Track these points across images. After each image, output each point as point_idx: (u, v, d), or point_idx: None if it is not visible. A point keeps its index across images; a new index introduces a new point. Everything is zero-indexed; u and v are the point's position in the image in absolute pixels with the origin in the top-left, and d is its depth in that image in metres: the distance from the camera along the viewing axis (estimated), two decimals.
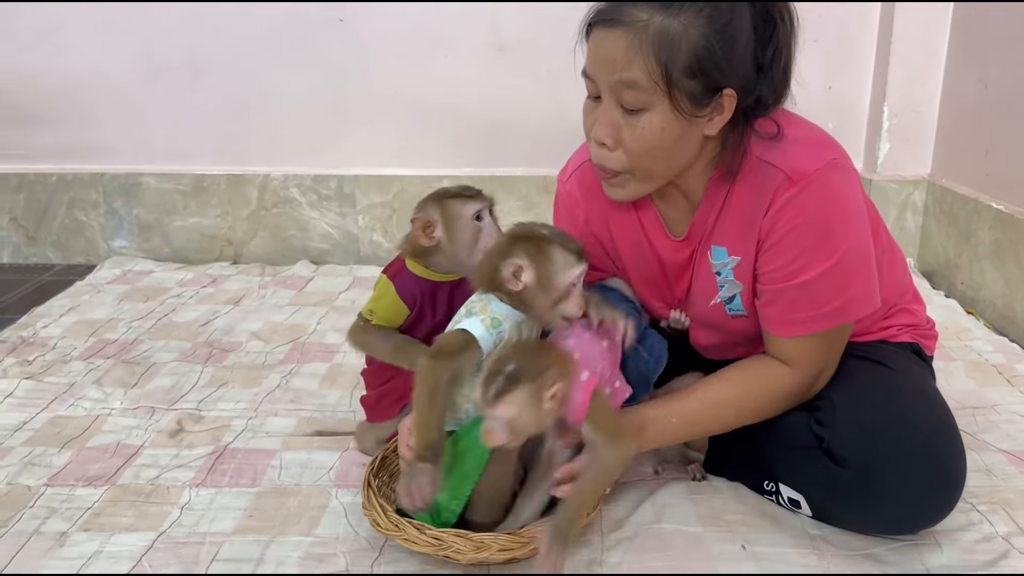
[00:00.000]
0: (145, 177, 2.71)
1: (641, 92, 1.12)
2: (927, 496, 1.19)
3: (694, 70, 1.10)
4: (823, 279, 1.19)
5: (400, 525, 1.16)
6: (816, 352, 1.25)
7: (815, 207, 1.17)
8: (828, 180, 1.17)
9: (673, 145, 1.16)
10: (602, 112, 1.17)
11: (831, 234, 1.18)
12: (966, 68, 2.41)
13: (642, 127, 1.14)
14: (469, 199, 1.40)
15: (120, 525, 1.32)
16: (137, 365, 1.90)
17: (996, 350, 1.98)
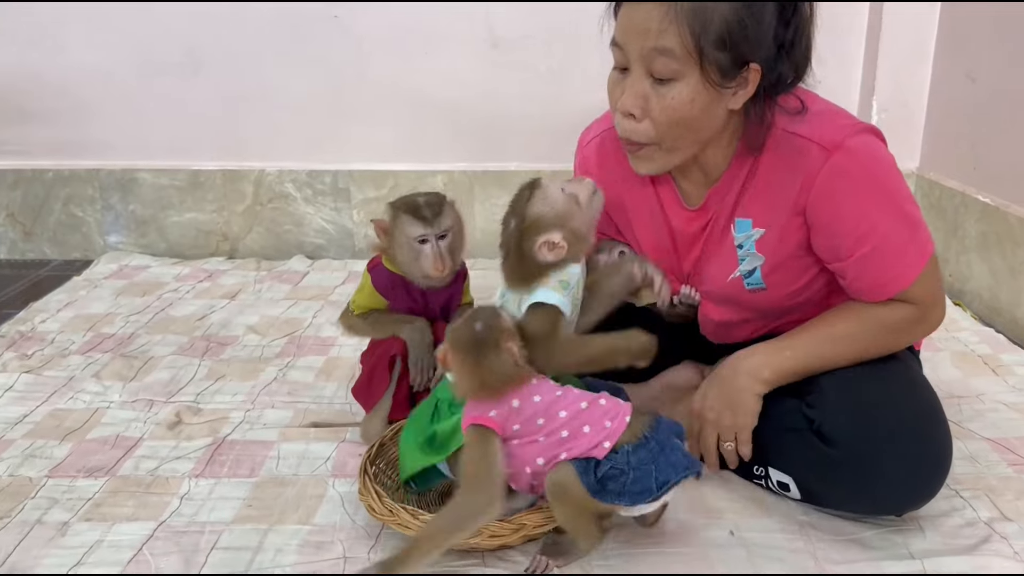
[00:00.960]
0: (141, 173, 2.73)
1: (673, 60, 1.15)
2: (915, 476, 1.22)
3: (725, 42, 1.14)
4: (893, 231, 1.22)
5: (394, 511, 1.18)
6: (922, 290, 1.27)
7: (859, 167, 1.21)
8: (862, 143, 1.21)
9: (701, 116, 1.20)
10: (630, 82, 1.20)
11: (883, 186, 1.23)
12: (953, 62, 2.44)
13: (672, 96, 1.17)
14: (420, 221, 1.48)
15: (121, 515, 1.34)
16: (135, 359, 1.92)
17: (982, 340, 2.02)
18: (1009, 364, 1.88)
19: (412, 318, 1.55)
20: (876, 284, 1.26)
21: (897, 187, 1.25)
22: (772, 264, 1.31)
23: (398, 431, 1.41)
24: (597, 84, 1.52)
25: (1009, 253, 2.11)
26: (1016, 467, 1.46)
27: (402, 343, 1.52)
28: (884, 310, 1.28)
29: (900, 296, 1.26)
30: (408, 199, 1.52)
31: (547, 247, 1.23)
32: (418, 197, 1.52)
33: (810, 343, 1.30)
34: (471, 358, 1.14)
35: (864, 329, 1.29)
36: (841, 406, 1.24)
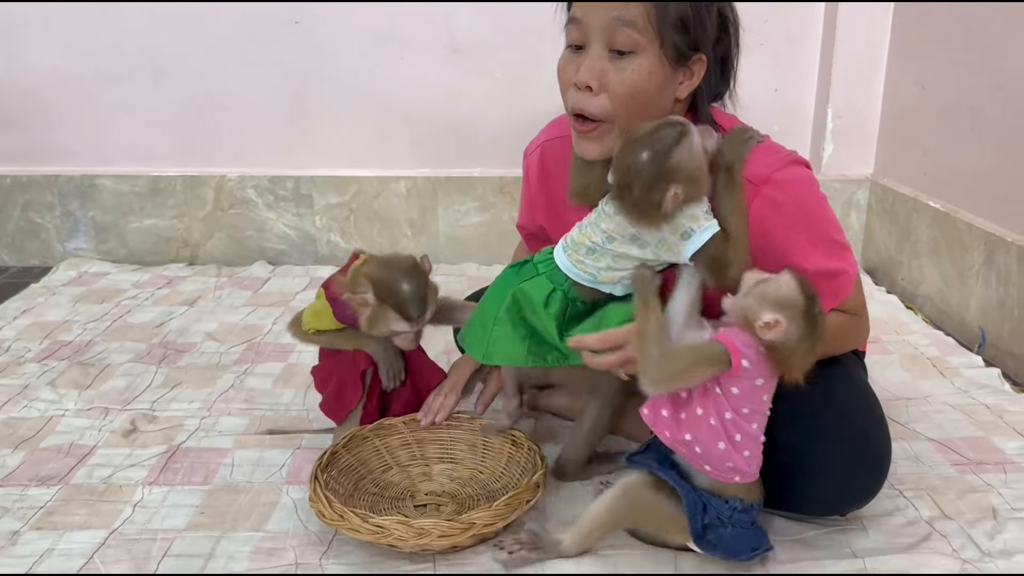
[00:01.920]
0: (101, 179, 2.71)
1: (635, 32, 1.17)
2: (855, 478, 1.25)
3: (682, 24, 1.18)
4: (823, 258, 1.24)
5: (344, 515, 1.20)
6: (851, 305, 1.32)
7: (788, 200, 1.22)
8: (790, 175, 1.24)
9: (655, 94, 1.21)
10: (589, 57, 1.20)
11: (811, 217, 1.26)
12: (905, 70, 2.49)
13: (632, 69, 1.19)
14: (407, 320, 1.38)
15: (72, 523, 1.34)
16: (91, 366, 1.91)
17: (931, 343, 2.06)
18: (956, 366, 1.92)
19: None
20: None
21: (824, 215, 1.28)
22: None
23: (351, 439, 1.42)
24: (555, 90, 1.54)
25: (958, 258, 2.16)
26: (958, 467, 1.50)
27: (367, 356, 1.49)
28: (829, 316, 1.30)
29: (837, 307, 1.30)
30: (392, 285, 1.37)
31: (673, 199, 1.12)
32: (402, 282, 1.37)
33: None
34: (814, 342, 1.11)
35: None
36: (782, 409, 1.26)
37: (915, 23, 2.44)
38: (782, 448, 1.24)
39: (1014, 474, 1.47)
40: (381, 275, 1.37)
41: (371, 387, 1.51)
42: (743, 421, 1.14)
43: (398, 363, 1.51)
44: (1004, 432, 1.62)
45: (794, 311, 1.09)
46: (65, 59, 2.62)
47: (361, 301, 1.37)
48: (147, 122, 2.69)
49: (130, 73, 2.64)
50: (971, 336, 2.08)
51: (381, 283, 1.37)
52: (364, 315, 1.39)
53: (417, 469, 1.49)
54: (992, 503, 1.38)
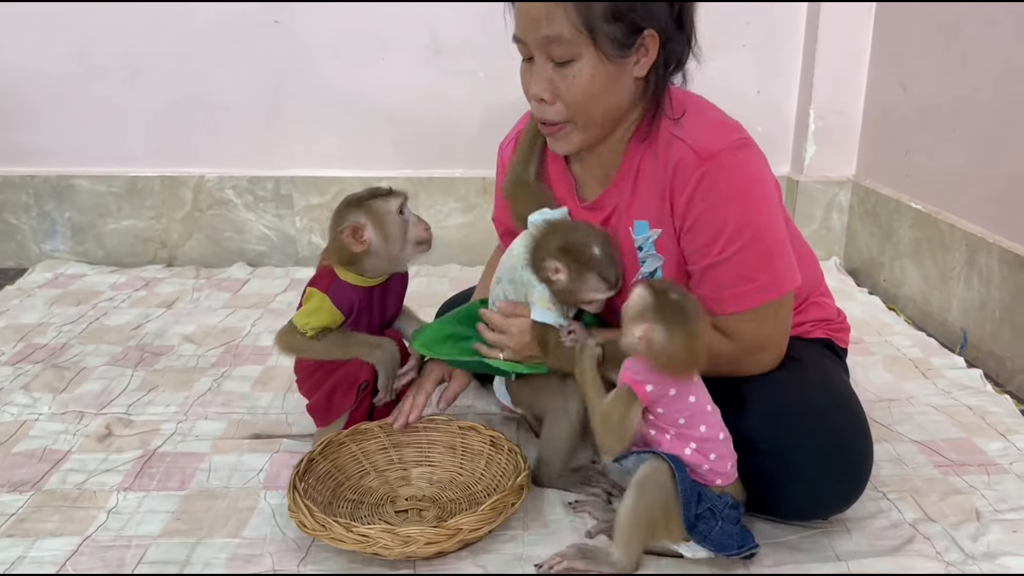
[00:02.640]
0: (78, 179, 2.67)
1: (567, 44, 1.19)
2: (835, 481, 1.25)
3: (613, 14, 1.18)
4: (743, 255, 1.23)
5: (327, 525, 1.18)
6: (752, 329, 1.27)
7: (726, 184, 1.22)
8: (736, 158, 1.23)
9: (605, 89, 1.23)
10: (536, 70, 1.25)
11: (745, 210, 1.23)
12: (887, 71, 2.49)
13: (573, 76, 1.22)
14: (389, 196, 1.45)
15: (45, 530, 1.31)
16: (67, 370, 1.88)
17: (914, 344, 2.06)
18: (939, 367, 1.92)
19: (379, 340, 1.48)
20: (712, 298, 1.25)
21: (758, 209, 1.24)
22: (671, 264, 1.31)
23: (327, 445, 1.40)
24: None
25: (940, 259, 2.16)
26: (942, 469, 1.50)
27: (369, 367, 1.45)
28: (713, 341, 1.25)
29: (731, 329, 1.27)
30: (352, 198, 1.46)
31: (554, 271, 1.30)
32: (353, 194, 1.46)
33: None
34: (686, 327, 1.14)
35: None
36: (763, 414, 1.25)
37: (897, 24, 2.44)
38: (763, 453, 1.24)
39: (997, 476, 1.47)
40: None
41: (362, 398, 1.49)
42: (687, 431, 1.18)
43: (397, 377, 1.49)
44: (986, 433, 1.61)
45: (650, 313, 1.14)
46: (40, 58, 2.58)
47: (353, 228, 1.41)
48: (124, 122, 2.65)
49: (107, 72, 2.60)
50: (953, 337, 2.08)
51: (341, 204, 1.45)
52: (367, 238, 1.41)
53: (395, 473, 1.47)
54: (975, 505, 1.38)
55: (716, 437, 1.19)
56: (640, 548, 1.20)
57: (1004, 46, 1.94)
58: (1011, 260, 1.88)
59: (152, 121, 2.66)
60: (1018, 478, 1.46)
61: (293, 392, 1.75)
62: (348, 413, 1.48)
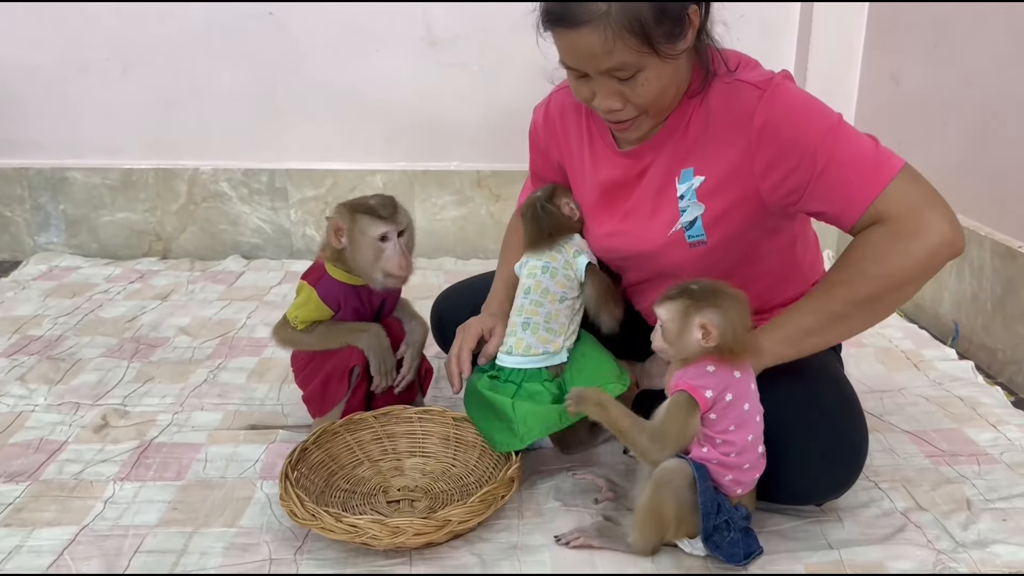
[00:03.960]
0: (72, 172, 2.67)
1: (630, 66, 1.19)
2: (831, 467, 1.26)
3: (661, 16, 1.16)
4: (841, 148, 1.20)
5: (317, 515, 1.18)
6: (899, 199, 1.20)
7: (791, 98, 1.22)
8: (787, 83, 1.25)
9: (671, 82, 1.24)
10: (599, 87, 1.24)
11: (820, 110, 1.23)
12: (880, 65, 2.50)
13: (642, 84, 1.22)
14: (379, 219, 1.43)
15: (42, 520, 1.31)
16: (62, 361, 1.88)
17: (906, 336, 2.07)
18: (930, 359, 1.93)
19: (366, 325, 1.49)
20: (841, 205, 1.22)
21: (831, 113, 1.24)
22: (713, 213, 1.30)
23: (320, 435, 1.41)
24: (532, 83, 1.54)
25: None
26: (933, 459, 1.51)
27: (359, 352, 1.47)
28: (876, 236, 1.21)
29: (878, 214, 1.20)
30: (359, 201, 1.46)
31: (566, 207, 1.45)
32: (368, 199, 1.46)
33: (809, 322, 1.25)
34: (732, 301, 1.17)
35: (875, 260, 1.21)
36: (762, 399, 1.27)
37: (889, 19, 2.45)
38: None
39: (987, 465, 1.48)
40: (346, 201, 1.48)
41: (357, 386, 1.50)
42: (733, 437, 1.17)
43: (390, 360, 1.50)
44: (977, 424, 1.63)
45: (694, 307, 1.16)
46: (34, 51, 2.58)
47: (335, 226, 1.44)
48: (118, 114, 2.65)
49: (101, 65, 2.60)
50: (945, 329, 2.10)
51: (348, 202, 1.48)
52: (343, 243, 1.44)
53: (389, 464, 1.47)
54: (966, 494, 1.39)
55: (756, 449, 1.19)
56: (656, 538, 1.22)
57: (995, 40, 1.95)
58: (1003, 253, 1.89)
59: (146, 113, 2.66)
60: (1008, 468, 1.47)
61: (289, 383, 1.76)
62: (344, 403, 1.49)
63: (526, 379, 1.39)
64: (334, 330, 1.49)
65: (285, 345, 1.53)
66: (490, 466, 1.41)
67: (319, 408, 1.52)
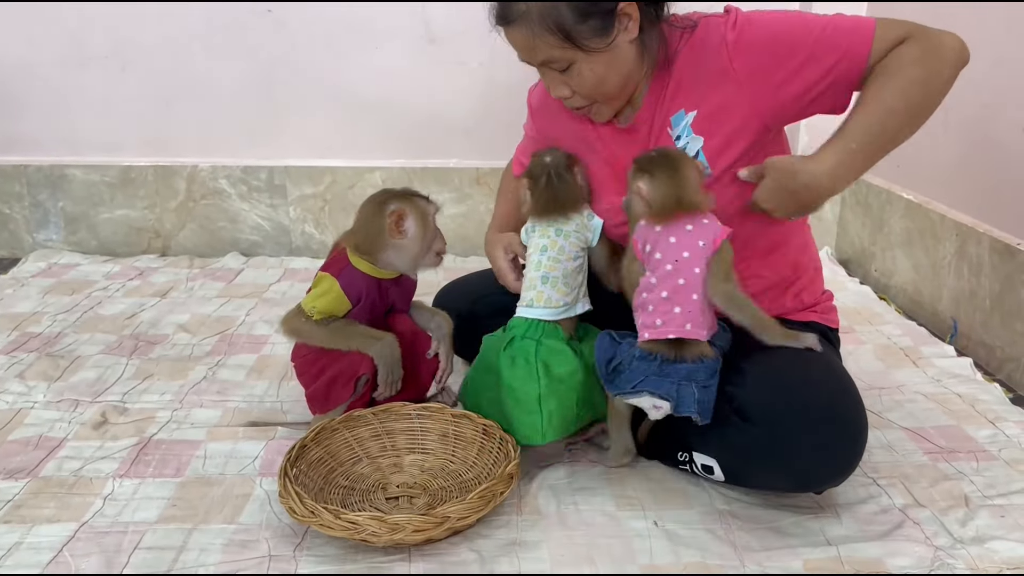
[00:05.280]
0: (71, 169, 2.67)
1: (559, 60, 1.31)
2: (831, 451, 1.26)
3: (583, 15, 1.26)
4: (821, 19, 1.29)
5: (315, 511, 1.18)
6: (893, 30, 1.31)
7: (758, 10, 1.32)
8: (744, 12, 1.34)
9: (609, 72, 1.32)
10: (546, 77, 1.37)
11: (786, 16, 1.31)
12: None
13: (577, 75, 1.32)
14: (429, 202, 1.53)
15: (41, 517, 1.32)
16: (61, 358, 1.88)
17: (904, 333, 2.07)
18: (929, 356, 1.94)
19: (380, 333, 1.48)
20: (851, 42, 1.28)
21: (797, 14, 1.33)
22: (714, 143, 1.34)
23: (319, 432, 1.41)
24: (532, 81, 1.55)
25: (931, 248, 2.17)
26: (931, 455, 1.51)
27: (369, 360, 1.47)
28: (894, 54, 1.29)
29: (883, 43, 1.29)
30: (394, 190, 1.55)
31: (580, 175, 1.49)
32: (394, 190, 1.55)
33: (864, 121, 1.27)
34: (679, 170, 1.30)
35: (897, 76, 1.27)
36: (759, 384, 1.28)
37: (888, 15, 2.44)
38: (757, 420, 1.26)
39: (985, 462, 1.49)
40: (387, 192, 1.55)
41: (362, 393, 1.50)
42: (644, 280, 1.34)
43: (398, 371, 1.50)
44: (976, 421, 1.63)
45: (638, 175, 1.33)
46: (32, 48, 2.58)
47: (400, 215, 1.48)
48: (116, 111, 2.65)
49: (99, 61, 2.60)
50: (943, 326, 2.10)
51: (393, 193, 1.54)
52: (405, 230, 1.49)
53: (388, 460, 1.47)
54: (964, 491, 1.39)
55: (660, 293, 1.30)
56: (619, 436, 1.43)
57: (994, 38, 1.95)
58: (1001, 249, 1.89)
59: (145, 111, 2.65)
60: (1006, 464, 1.48)
61: (288, 380, 1.77)
62: (346, 404, 1.49)
63: (544, 335, 1.44)
64: (348, 331, 1.48)
65: (293, 336, 1.52)
66: (489, 462, 1.41)
67: (321, 407, 1.52)
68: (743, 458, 1.31)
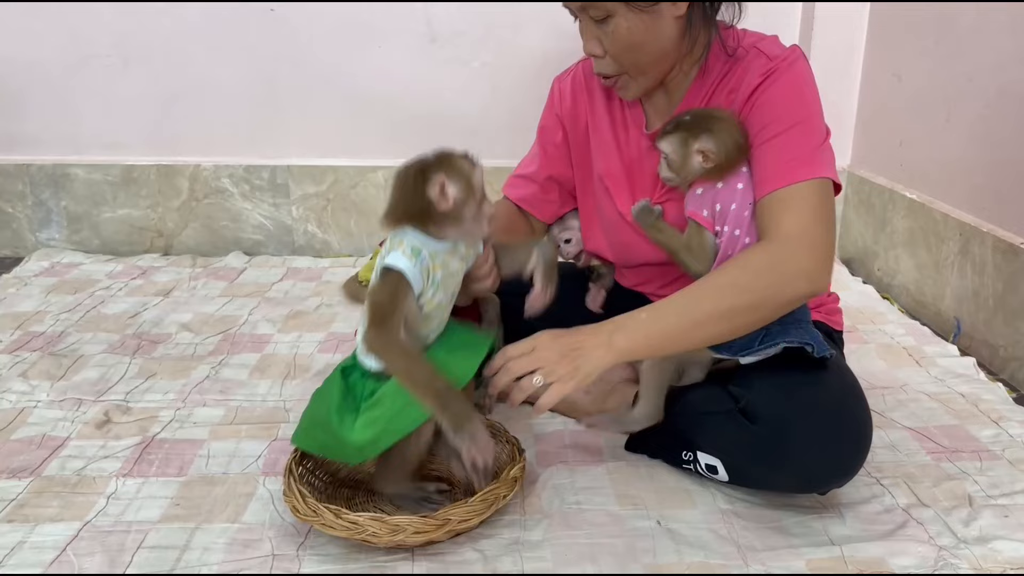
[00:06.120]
0: (73, 168, 2.67)
1: (599, 5, 1.28)
2: (836, 451, 1.25)
3: None
4: (797, 130, 1.29)
5: (317, 511, 1.18)
6: (797, 214, 1.25)
7: (790, 80, 1.32)
8: (800, 62, 1.35)
9: (645, 38, 1.31)
10: (582, 28, 1.35)
11: (802, 97, 1.32)
12: (881, 61, 2.50)
13: (612, 31, 1.30)
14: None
15: (44, 516, 1.32)
16: (64, 357, 1.88)
17: (907, 333, 2.07)
18: (932, 356, 1.93)
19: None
20: (767, 174, 1.29)
21: (814, 101, 1.34)
22: None
23: None
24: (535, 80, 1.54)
25: (934, 248, 2.17)
26: (934, 455, 1.51)
27: None
28: (746, 253, 1.28)
29: (779, 211, 1.26)
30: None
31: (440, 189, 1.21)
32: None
33: (670, 303, 1.26)
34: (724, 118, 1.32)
35: (718, 274, 1.27)
36: (764, 384, 1.28)
37: (891, 15, 2.45)
38: (761, 420, 1.26)
39: (989, 462, 1.48)
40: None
41: None
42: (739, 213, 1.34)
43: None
44: (979, 420, 1.63)
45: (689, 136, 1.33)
46: (33, 47, 2.58)
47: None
48: (118, 110, 2.65)
49: (100, 61, 2.60)
50: (946, 326, 2.10)
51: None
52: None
53: None
54: (968, 490, 1.39)
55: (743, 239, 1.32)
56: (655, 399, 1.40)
57: (997, 36, 1.95)
58: (1004, 249, 1.89)
59: (147, 110, 2.65)
60: (1010, 464, 1.48)
61: (291, 379, 1.77)
62: None
63: None
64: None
65: (351, 300, 1.54)
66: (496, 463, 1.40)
67: None
68: (747, 458, 1.31)
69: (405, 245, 1.23)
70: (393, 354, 1.21)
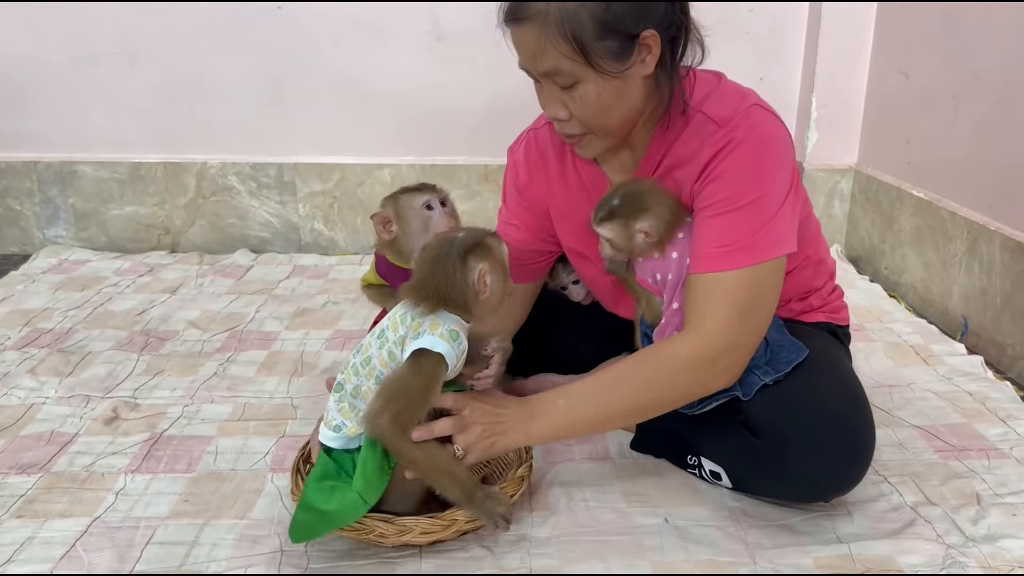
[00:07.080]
0: (81, 165, 2.68)
1: (566, 73, 1.20)
2: (837, 463, 1.25)
3: (604, 31, 1.16)
4: (747, 211, 1.22)
5: None
6: (724, 310, 1.23)
7: (744, 151, 1.23)
8: (752, 121, 1.24)
9: (615, 102, 1.24)
10: (546, 93, 1.26)
11: (760, 170, 1.23)
12: (888, 59, 2.50)
13: (580, 97, 1.22)
14: (419, 192, 1.54)
15: (54, 511, 1.32)
16: (72, 354, 1.89)
17: (914, 331, 2.07)
18: (939, 354, 1.93)
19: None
20: (699, 254, 1.25)
21: (771, 174, 1.24)
22: None
23: None
24: None
25: (941, 246, 2.17)
26: (942, 453, 1.51)
27: None
28: (672, 345, 1.27)
29: (701, 304, 1.24)
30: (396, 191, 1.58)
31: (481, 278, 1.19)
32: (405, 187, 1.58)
33: (589, 395, 1.28)
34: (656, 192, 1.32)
35: (646, 366, 1.27)
36: (767, 398, 1.26)
37: (898, 12, 2.44)
38: (766, 433, 1.25)
39: (997, 460, 1.48)
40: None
41: None
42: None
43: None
44: (987, 419, 1.63)
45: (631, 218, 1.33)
46: (40, 44, 2.58)
47: (382, 219, 1.55)
48: (126, 108, 2.66)
49: (107, 59, 2.61)
50: (954, 324, 2.10)
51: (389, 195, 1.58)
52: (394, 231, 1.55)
53: None
54: (975, 489, 1.39)
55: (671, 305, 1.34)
56: None
57: (1004, 33, 1.94)
58: (1012, 247, 1.88)
59: (154, 107, 2.66)
60: (1018, 463, 1.47)
61: (298, 376, 1.78)
62: None
63: None
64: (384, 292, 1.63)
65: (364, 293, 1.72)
66: (501, 463, 1.41)
67: None
68: (749, 469, 1.31)
69: (442, 328, 1.18)
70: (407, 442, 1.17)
